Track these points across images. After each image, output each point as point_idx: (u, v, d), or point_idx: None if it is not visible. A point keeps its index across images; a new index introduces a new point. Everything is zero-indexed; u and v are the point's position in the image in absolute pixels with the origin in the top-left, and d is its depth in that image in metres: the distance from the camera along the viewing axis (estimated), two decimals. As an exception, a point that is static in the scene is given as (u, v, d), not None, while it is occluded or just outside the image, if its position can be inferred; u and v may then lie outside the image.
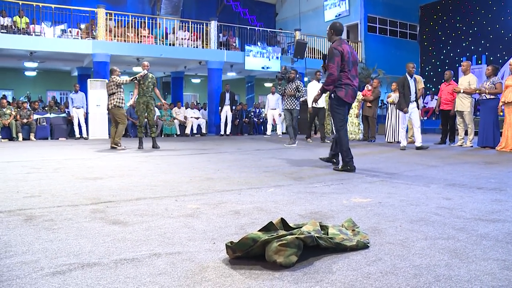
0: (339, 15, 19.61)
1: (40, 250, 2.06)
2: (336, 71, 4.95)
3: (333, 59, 4.97)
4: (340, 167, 5.13)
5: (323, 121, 10.82)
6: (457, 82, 9.67)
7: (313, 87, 10.45)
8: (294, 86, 9.42)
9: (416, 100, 8.36)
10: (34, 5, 13.07)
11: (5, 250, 2.07)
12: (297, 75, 10.05)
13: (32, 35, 13.30)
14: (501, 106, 8.40)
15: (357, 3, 18.96)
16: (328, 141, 9.72)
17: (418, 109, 8.55)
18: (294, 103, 9.46)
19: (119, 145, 8.38)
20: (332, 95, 5.12)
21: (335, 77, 4.98)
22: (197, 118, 15.07)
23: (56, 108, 14.05)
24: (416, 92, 8.36)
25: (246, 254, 1.93)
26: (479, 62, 17.45)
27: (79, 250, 2.08)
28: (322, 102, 10.19)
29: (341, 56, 4.97)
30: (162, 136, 13.95)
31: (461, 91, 8.84)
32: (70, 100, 12.96)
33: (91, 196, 3.45)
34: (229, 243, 1.98)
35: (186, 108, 15.31)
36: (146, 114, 8.68)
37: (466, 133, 9.34)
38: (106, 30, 13.85)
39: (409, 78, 8.23)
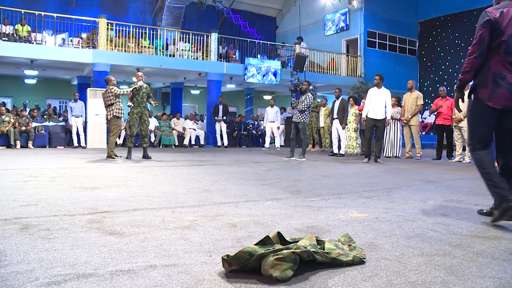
0: (340, 29, 19.79)
1: (36, 260, 2.06)
2: (477, 49, 3.06)
3: (477, 31, 3.11)
4: (494, 215, 3.03)
5: (382, 135, 9.29)
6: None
7: (373, 95, 8.95)
8: (303, 98, 9.21)
9: None
10: (36, 14, 13.15)
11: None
12: (310, 87, 9.77)
13: (33, 43, 13.38)
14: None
15: (357, 18, 19.14)
16: (364, 161, 8.82)
17: None
18: (300, 116, 9.22)
19: (113, 156, 8.37)
20: (472, 95, 3.24)
21: (474, 60, 3.09)
22: (196, 130, 15.09)
23: (55, 116, 14.05)
24: None
25: (242, 267, 1.93)
26: (477, 78, 17.58)
27: (75, 260, 2.07)
28: (382, 113, 8.90)
29: (490, 28, 3.04)
30: (161, 147, 13.96)
31: (463, 118, 8.86)
32: (69, 109, 12.98)
33: (88, 206, 3.44)
34: (225, 256, 1.97)
35: (185, 119, 15.34)
36: (139, 125, 8.80)
37: (464, 149, 9.35)
38: (107, 39, 13.93)
39: None
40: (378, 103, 8.83)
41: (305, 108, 9.14)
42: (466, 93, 3.41)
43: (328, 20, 20.34)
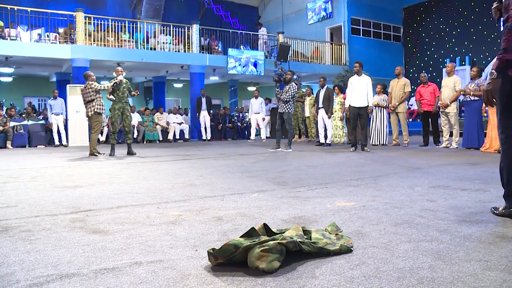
0: (323, 17, 19.73)
1: (16, 262, 2.00)
2: None
3: None
4: (500, 209, 2.82)
5: (366, 123, 8.96)
6: (440, 84, 9.75)
7: (354, 83, 8.82)
8: (287, 88, 9.13)
9: None
10: (9, 8, 12.73)
11: (-22, 263, 2.00)
12: (294, 76, 9.73)
13: (7, 39, 12.99)
14: (485, 107, 8.49)
15: (340, 5, 19.06)
16: (352, 150, 8.76)
17: None
18: (284, 106, 9.15)
19: (96, 154, 8.25)
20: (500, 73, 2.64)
21: None
22: (180, 124, 14.96)
23: (34, 115, 13.76)
24: None
25: (229, 260, 1.90)
26: (463, 63, 17.68)
27: (58, 260, 2.02)
28: (364, 100, 8.68)
29: None
30: (144, 143, 13.81)
31: (449, 104, 8.94)
32: (48, 107, 12.67)
33: (70, 205, 3.37)
34: (211, 250, 1.95)
35: (168, 114, 15.19)
36: (121, 121, 8.69)
37: (450, 135, 9.41)
38: (85, 34, 13.64)
39: None
40: (359, 91, 8.75)
41: (289, 98, 9.10)
42: (452, 79, 3.29)
43: (311, 9, 20.25)
